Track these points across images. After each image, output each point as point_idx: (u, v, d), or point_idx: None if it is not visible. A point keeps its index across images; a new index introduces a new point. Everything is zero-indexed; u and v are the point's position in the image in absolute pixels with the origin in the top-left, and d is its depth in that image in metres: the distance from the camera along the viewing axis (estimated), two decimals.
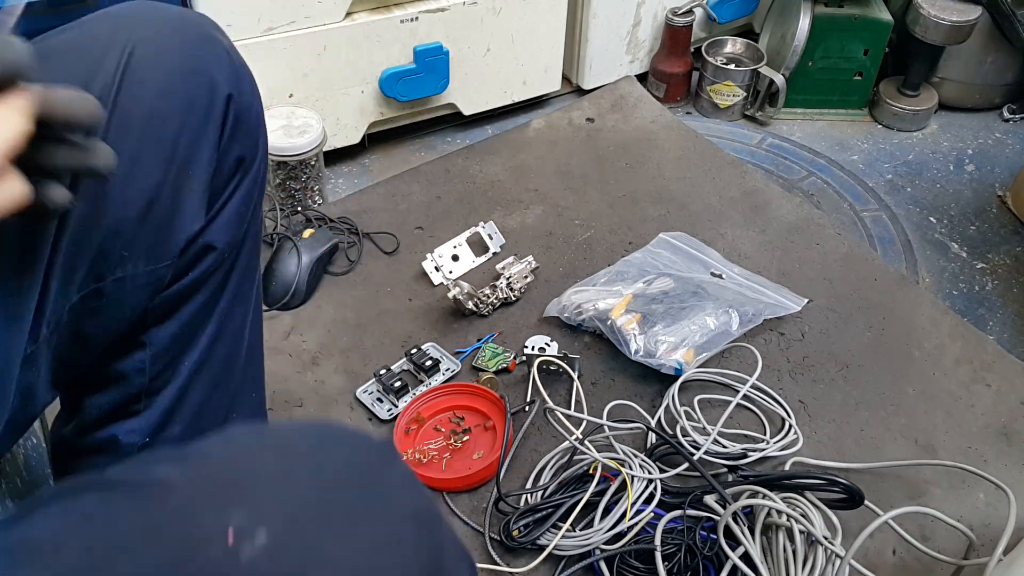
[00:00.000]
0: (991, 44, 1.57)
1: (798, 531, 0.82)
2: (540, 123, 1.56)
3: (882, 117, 1.64)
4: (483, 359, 1.11)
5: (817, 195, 1.47)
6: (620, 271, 1.20)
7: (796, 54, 1.55)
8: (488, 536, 0.91)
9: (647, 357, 1.06)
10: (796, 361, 1.13)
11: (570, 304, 1.14)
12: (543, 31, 1.50)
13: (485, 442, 1.00)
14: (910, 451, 1.03)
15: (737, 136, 1.61)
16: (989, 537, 0.90)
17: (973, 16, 1.47)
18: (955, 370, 1.12)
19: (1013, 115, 1.65)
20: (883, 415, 1.06)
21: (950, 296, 1.28)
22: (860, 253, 1.30)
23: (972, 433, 1.05)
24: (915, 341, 1.16)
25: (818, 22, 1.54)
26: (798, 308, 1.18)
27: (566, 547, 0.86)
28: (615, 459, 0.92)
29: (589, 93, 1.64)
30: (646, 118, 1.58)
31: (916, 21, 1.50)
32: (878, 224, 1.42)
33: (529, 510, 0.89)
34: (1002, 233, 1.40)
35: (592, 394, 1.07)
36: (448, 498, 0.96)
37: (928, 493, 0.98)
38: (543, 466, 0.97)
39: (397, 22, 1.34)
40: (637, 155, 1.49)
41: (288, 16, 1.25)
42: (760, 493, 0.86)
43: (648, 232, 1.31)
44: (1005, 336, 1.21)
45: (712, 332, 1.09)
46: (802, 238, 1.33)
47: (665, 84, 1.65)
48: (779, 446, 0.99)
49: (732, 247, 1.30)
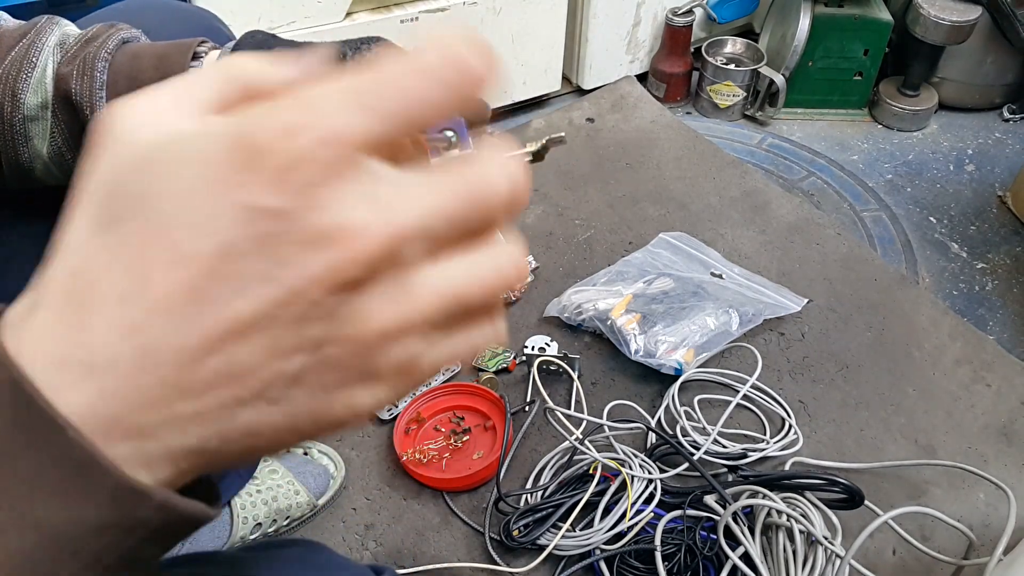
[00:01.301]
0: (991, 44, 1.57)
1: (798, 531, 0.82)
2: (540, 123, 1.56)
3: (882, 117, 1.64)
4: (483, 359, 1.11)
5: (817, 195, 1.47)
6: (620, 271, 1.20)
7: (796, 54, 1.55)
8: (488, 536, 0.91)
9: (647, 357, 1.06)
10: (796, 361, 1.13)
11: (570, 304, 1.14)
12: (543, 31, 1.50)
13: (485, 442, 1.00)
14: (910, 451, 1.02)
15: (737, 136, 1.61)
16: (989, 537, 0.90)
17: (973, 16, 1.47)
18: (955, 370, 1.12)
19: (1013, 115, 1.65)
20: (883, 415, 1.06)
21: (950, 296, 1.28)
22: (860, 253, 1.30)
23: (972, 433, 1.05)
24: (915, 341, 1.16)
25: (818, 22, 1.54)
26: (798, 308, 1.18)
27: (566, 547, 0.86)
28: (615, 459, 0.92)
29: (589, 93, 1.64)
30: (646, 118, 1.58)
31: (916, 21, 1.50)
32: (878, 224, 1.42)
33: (529, 510, 0.89)
34: (1002, 233, 1.40)
35: (592, 394, 1.07)
36: (448, 498, 0.96)
37: (928, 493, 0.98)
38: (543, 466, 0.97)
39: (397, 22, 1.34)
40: (637, 155, 1.49)
41: (288, 16, 1.25)
42: (760, 493, 0.86)
43: (648, 232, 1.31)
44: (1005, 336, 1.21)
45: (712, 332, 1.09)
46: (802, 238, 1.33)
47: (665, 84, 1.65)
48: (779, 446, 0.99)
49: (732, 247, 1.30)
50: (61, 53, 0.46)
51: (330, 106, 0.20)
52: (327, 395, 0.22)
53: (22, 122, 0.46)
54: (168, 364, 0.20)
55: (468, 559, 0.91)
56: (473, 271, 0.22)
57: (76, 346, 0.20)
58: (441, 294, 0.22)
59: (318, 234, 0.20)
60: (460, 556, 0.92)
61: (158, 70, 0.45)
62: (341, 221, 0.20)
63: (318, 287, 0.20)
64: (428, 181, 0.21)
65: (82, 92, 0.45)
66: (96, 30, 0.47)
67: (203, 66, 0.46)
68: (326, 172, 0.19)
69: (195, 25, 0.61)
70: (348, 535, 0.93)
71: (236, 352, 0.20)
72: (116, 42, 0.47)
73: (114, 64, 0.46)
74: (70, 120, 0.46)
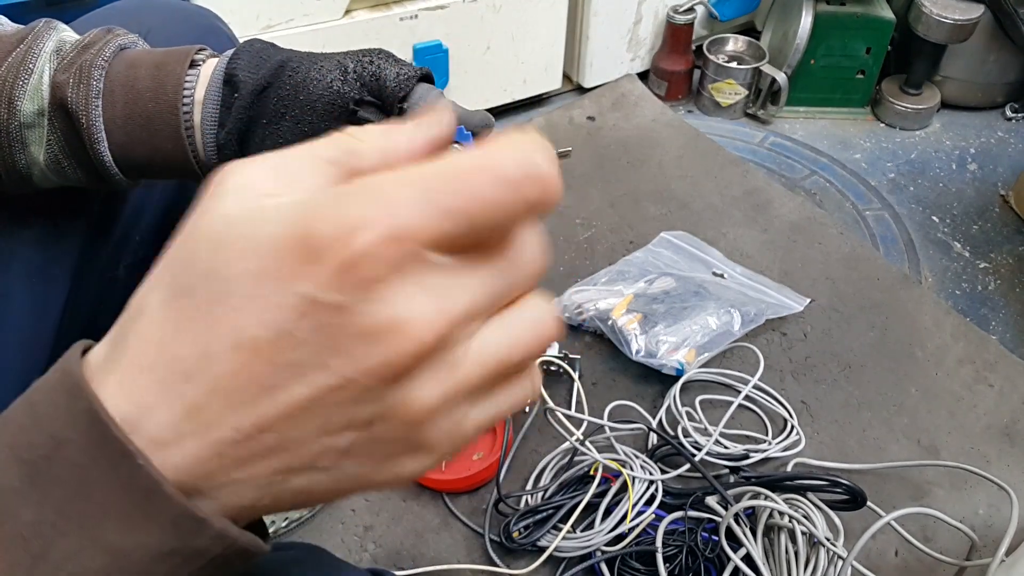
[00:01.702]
0: (993, 42, 1.56)
1: (800, 532, 0.81)
2: (541, 122, 1.56)
3: (884, 116, 1.63)
4: None
5: (819, 194, 1.47)
6: (621, 271, 1.20)
7: (798, 52, 1.55)
8: (488, 538, 0.90)
9: (648, 357, 1.05)
10: (798, 361, 1.12)
11: (571, 304, 1.13)
12: (543, 29, 1.49)
13: (485, 443, 1.00)
14: (912, 452, 1.02)
15: (739, 135, 1.60)
16: (991, 538, 0.90)
17: (975, 14, 1.46)
18: (958, 370, 1.12)
19: (1016, 114, 1.64)
20: (885, 415, 1.06)
21: (953, 296, 1.28)
22: (862, 252, 1.30)
23: (975, 433, 1.04)
24: (918, 341, 1.16)
25: (820, 20, 1.53)
26: (800, 308, 1.17)
27: (567, 549, 0.86)
28: (616, 460, 0.91)
29: (590, 91, 1.64)
30: (647, 117, 1.58)
31: (918, 19, 1.49)
32: (880, 223, 1.41)
33: (529, 511, 0.89)
34: (1005, 232, 1.40)
35: (593, 394, 1.06)
36: (448, 499, 0.96)
37: (930, 494, 0.97)
38: (543, 467, 0.97)
39: (396, 20, 1.33)
40: (638, 154, 1.48)
41: (287, 14, 1.25)
42: (762, 494, 0.86)
43: (649, 231, 1.30)
44: (1008, 336, 1.21)
45: (714, 332, 1.09)
46: (804, 237, 1.32)
47: (666, 82, 1.65)
48: (781, 447, 0.99)
49: (734, 246, 1.30)
50: (58, 60, 0.46)
51: (400, 200, 0.20)
52: (375, 465, 0.23)
53: (18, 129, 0.45)
54: (226, 442, 0.22)
55: (468, 561, 0.91)
56: (513, 335, 0.23)
57: (143, 413, 0.22)
58: (484, 364, 0.22)
59: (375, 328, 0.20)
60: (460, 558, 0.91)
61: (155, 79, 0.45)
62: (397, 315, 0.20)
63: (371, 377, 0.21)
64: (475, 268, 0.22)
65: (78, 101, 0.45)
66: (93, 36, 0.47)
67: (200, 76, 0.45)
68: (388, 269, 0.20)
69: (195, 24, 0.61)
70: (347, 536, 0.93)
71: (289, 431, 0.22)
72: (113, 49, 0.46)
73: (111, 72, 0.45)
74: (66, 128, 0.46)
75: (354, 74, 0.43)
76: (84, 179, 0.48)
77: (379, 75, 0.43)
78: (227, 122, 0.44)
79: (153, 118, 0.45)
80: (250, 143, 0.44)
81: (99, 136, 0.45)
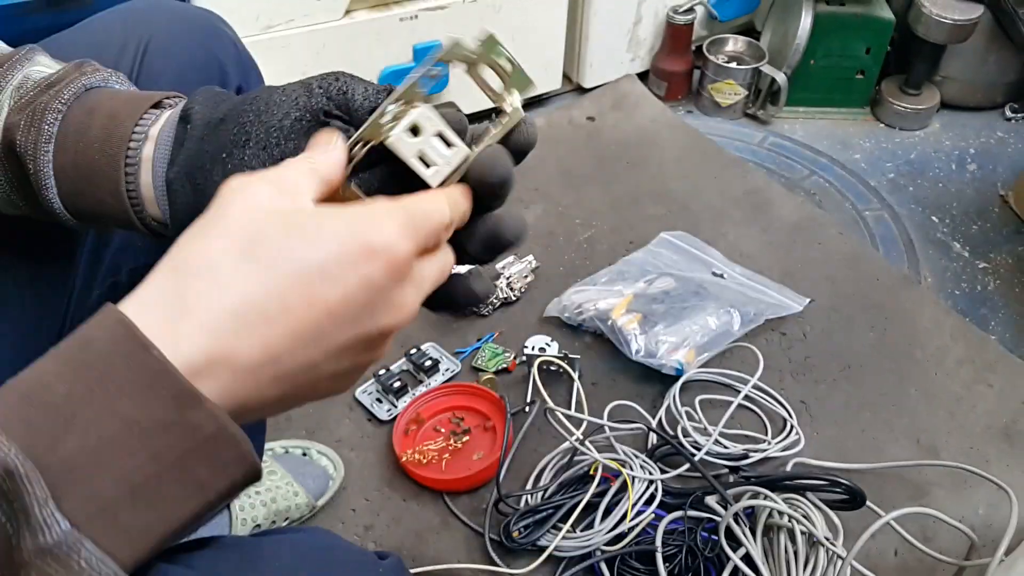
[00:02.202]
0: (993, 43, 1.56)
1: (800, 532, 0.82)
2: (540, 122, 1.56)
3: (884, 116, 1.63)
4: (483, 359, 1.10)
5: (819, 194, 1.47)
6: (621, 271, 1.20)
7: (798, 52, 1.55)
8: (488, 537, 0.90)
9: (648, 357, 1.05)
10: (798, 361, 1.12)
11: (571, 304, 1.13)
12: (543, 29, 1.49)
13: (485, 443, 1.00)
14: (912, 452, 1.02)
15: (738, 135, 1.60)
16: (991, 538, 0.90)
17: (975, 15, 1.46)
18: (957, 370, 1.12)
19: (1015, 114, 1.64)
20: (885, 415, 1.06)
21: (952, 296, 1.28)
22: (862, 252, 1.30)
23: (974, 433, 1.04)
24: (917, 341, 1.16)
25: (820, 20, 1.53)
26: (800, 308, 1.17)
27: (566, 548, 0.86)
28: (616, 460, 0.92)
29: (590, 91, 1.64)
30: (647, 117, 1.58)
31: (918, 20, 1.50)
32: (880, 223, 1.41)
33: (529, 511, 0.89)
34: (1004, 232, 1.40)
35: (593, 394, 1.06)
36: (448, 499, 0.96)
37: (930, 494, 0.97)
38: (543, 467, 0.97)
39: (396, 20, 1.33)
40: (638, 154, 1.49)
41: (287, 14, 1.25)
42: (761, 494, 0.86)
43: (649, 231, 1.30)
44: (1007, 336, 1.21)
45: (713, 332, 1.09)
46: (804, 237, 1.32)
47: (666, 82, 1.65)
48: (781, 447, 0.99)
49: (734, 247, 1.30)
50: (16, 98, 0.44)
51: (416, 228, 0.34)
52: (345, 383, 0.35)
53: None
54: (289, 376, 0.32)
55: (468, 560, 0.91)
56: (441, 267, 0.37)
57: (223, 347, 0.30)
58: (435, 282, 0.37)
59: (397, 304, 0.33)
60: (460, 557, 0.91)
61: (104, 129, 0.42)
62: (405, 299, 0.34)
63: (384, 332, 0.34)
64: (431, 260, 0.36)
65: (26, 145, 0.42)
66: (61, 73, 0.44)
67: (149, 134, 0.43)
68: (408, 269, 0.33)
69: (197, 25, 0.60)
70: (347, 536, 0.93)
71: (330, 364, 0.33)
72: (75, 91, 0.43)
73: (69, 116, 0.43)
74: (16, 170, 0.44)
75: (320, 89, 0.42)
76: (42, 219, 0.46)
77: (346, 91, 0.42)
78: (178, 158, 0.42)
79: (96, 171, 0.43)
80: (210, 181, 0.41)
81: (47, 183, 0.43)
